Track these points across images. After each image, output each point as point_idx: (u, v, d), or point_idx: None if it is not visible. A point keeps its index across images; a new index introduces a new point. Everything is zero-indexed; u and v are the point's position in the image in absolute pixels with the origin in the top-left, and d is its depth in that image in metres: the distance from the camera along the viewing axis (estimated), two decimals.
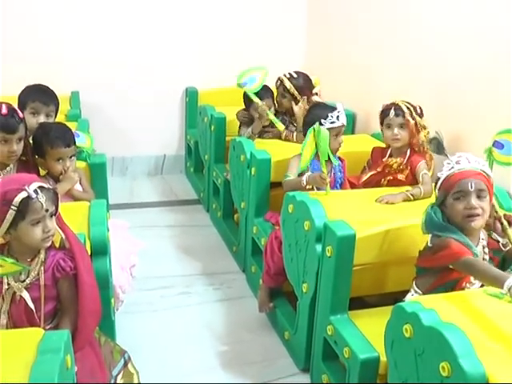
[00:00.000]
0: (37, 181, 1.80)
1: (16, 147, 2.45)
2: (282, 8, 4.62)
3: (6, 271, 1.70)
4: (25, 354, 1.40)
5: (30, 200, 1.74)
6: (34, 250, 1.84)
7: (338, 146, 2.82)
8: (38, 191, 1.75)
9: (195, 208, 4.12)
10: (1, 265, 1.66)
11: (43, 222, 1.78)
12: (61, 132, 2.59)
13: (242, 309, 2.94)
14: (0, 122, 2.40)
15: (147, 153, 4.69)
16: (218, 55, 4.55)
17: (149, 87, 4.51)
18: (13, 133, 2.42)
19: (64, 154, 2.55)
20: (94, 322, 1.88)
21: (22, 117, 2.47)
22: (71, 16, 4.22)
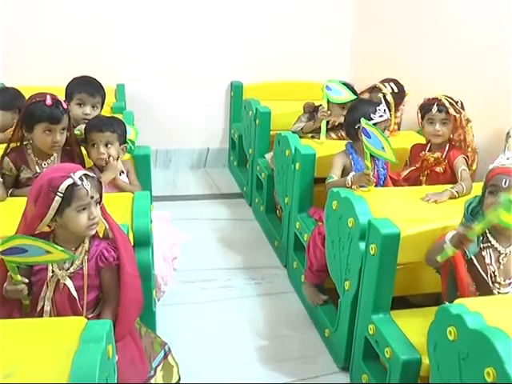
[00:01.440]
0: (81, 169, 1.84)
1: (59, 137, 2.48)
2: (328, 4, 4.56)
3: (53, 258, 1.72)
4: (67, 342, 1.41)
5: (76, 187, 1.77)
6: (79, 239, 1.86)
7: None
8: (83, 178, 1.79)
9: (238, 202, 4.12)
10: (49, 251, 1.68)
11: (88, 209, 1.80)
12: (102, 118, 2.67)
13: (283, 304, 2.93)
14: (45, 113, 2.44)
15: (191, 146, 4.71)
16: (264, 49, 4.53)
17: (194, 80, 4.53)
18: (57, 123, 2.46)
19: (97, 139, 2.58)
20: (135, 312, 1.89)
21: (66, 108, 2.50)
22: (119, 9, 4.26)
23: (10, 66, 4.09)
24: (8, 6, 4.10)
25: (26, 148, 2.56)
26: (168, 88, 4.50)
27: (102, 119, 2.68)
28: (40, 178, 1.83)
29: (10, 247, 1.68)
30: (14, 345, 1.46)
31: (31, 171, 2.53)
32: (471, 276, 1.99)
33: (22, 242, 1.68)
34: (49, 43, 4.18)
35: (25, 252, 1.68)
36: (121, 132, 2.64)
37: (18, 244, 1.68)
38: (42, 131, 2.46)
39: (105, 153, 2.57)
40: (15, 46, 4.17)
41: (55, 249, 1.69)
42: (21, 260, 1.72)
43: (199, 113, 4.63)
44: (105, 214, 1.88)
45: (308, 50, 4.49)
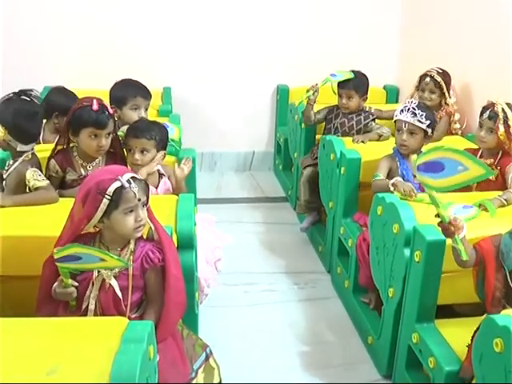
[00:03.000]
0: (129, 172, 1.86)
1: (104, 142, 2.51)
2: (376, 6, 4.51)
3: (108, 266, 1.76)
4: (109, 341, 1.43)
5: (124, 189, 1.79)
6: (125, 240, 1.88)
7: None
8: (131, 181, 1.81)
9: (282, 206, 4.11)
10: (104, 259, 1.71)
11: (135, 212, 1.82)
12: (140, 124, 2.66)
13: (326, 310, 2.91)
14: (91, 118, 2.46)
15: (236, 149, 4.72)
16: (310, 53, 4.51)
17: (240, 84, 4.54)
18: (102, 128, 2.48)
19: (133, 145, 2.58)
20: (178, 314, 1.90)
21: (111, 113, 2.52)
22: (166, 13, 4.30)
23: (57, 69, 4.19)
24: (56, 9, 4.20)
25: (72, 151, 2.60)
26: (214, 91, 4.52)
27: (139, 125, 2.66)
28: (88, 180, 1.86)
29: (65, 255, 1.71)
30: (58, 342, 1.49)
31: (76, 173, 2.57)
32: (503, 283, 1.94)
33: (78, 250, 1.71)
34: (96, 47, 4.26)
35: (79, 259, 1.72)
36: (159, 138, 2.60)
37: (73, 253, 1.71)
38: (88, 136, 2.49)
39: (139, 159, 2.57)
40: (63, 49, 4.27)
41: (110, 257, 1.71)
42: (74, 267, 1.76)
43: (245, 116, 4.63)
44: (150, 215, 1.89)
45: (355, 53, 4.44)
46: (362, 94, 3.46)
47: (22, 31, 4.23)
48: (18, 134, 2.39)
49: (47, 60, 4.28)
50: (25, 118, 2.39)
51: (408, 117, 2.71)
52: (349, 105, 3.44)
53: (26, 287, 2.03)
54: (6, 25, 4.19)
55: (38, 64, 4.26)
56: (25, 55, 4.27)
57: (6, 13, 4.18)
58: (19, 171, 2.42)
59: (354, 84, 3.43)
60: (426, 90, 3.56)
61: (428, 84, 3.55)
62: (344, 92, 3.45)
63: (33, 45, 4.27)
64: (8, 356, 1.43)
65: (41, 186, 2.37)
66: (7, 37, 4.21)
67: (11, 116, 2.37)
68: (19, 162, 2.43)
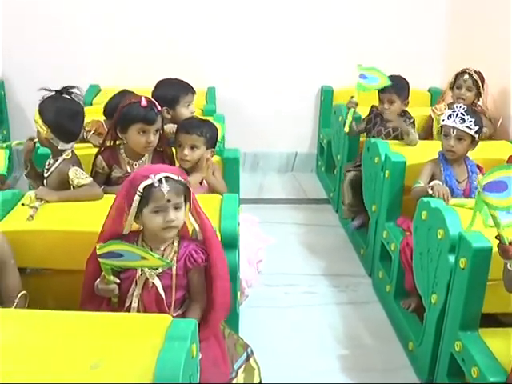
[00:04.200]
0: (167, 171, 1.84)
1: (153, 138, 2.53)
2: (422, 10, 4.44)
3: (149, 264, 1.77)
4: (152, 338, 1.44)
5: (153, 188, 1.80)
6: (170, 239, 1.89)
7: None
8: (163, 181, 1.81)
9: (324, 208, 4.09)
10: (145, 257, 1.72)
11: (164, 212, 1.82)
12: (192, 120, 2.69)
13: (366, 314, 2.89)
14: (140, 114, 2.49)
15: (279, 149, 4.72)
16: (355, 54, 4.45)
17: (284, 84, 4.54)
18: (151, 124, 2.50)
19: (183, 140, 2.60)
20: (223, 314, 1.92)
21: (159, 109, 2.55)
22: (211, 14, 4.34)
23: (104, 68, 4.25)
24: (102, 9, 4.27)
25: (119, 148, 2.63)
26: (258, 91, 4.53)
27: (191, 121, 2.70)
28: (128, 177, 1.90)
29: (107, 252, 1.74)
30: (102, 337, 1.50)
31: (122, 171, 2.60)
32: None
33: (120, 247, 1.73)
34: (142, 46, 4.32)
35: (121, 257, 1.74)
36: (209, 136, 2.64)
37: (115, 249, 1.73)
38: (137, 132, 2.52)
39: (188, 155, 2.59)
40: (108, 48, 4.35)
41: (151, 256, 1.72)
42: (116, 263, 1.78)
43: (288, 117, 4.62)
44: (200, 214, 1.89)
45: (400, 54, 4.39)
46: (403, 98, 3.41)
47: (68, 31, 4.33)
48: (60, 133, 2.42)
49: (93, 59, 4.36)
50: (67, 117, 2.42)
51: (456, 122, 2.67)
52: (390, 110, 3.40)
53: (69, 281, 2.08)
54: (53, 25, 4.29)
55: (84, 63, 4.35)
56: (70, 54, 4.36)
57: (54, 12, 4.27)
58: (61, 170, 2.45)
59: (396, 88, 3.39)
60: (463, 87, 3.53)
61: (466, 81, 3.52)
62: (385, 97, 3.41)
63: (78, 44, 4.36)
64: (53, 348, 1.46)
65: (85, 184, 2.40)
66: (54, 36, 4.31)
67: (54, 115, 2.40)
68: (60, 161, 2.46)
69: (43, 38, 4.33)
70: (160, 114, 2.55)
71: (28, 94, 4.31)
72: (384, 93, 3.41)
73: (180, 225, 1.87)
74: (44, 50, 4.35)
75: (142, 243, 1.90)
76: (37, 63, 4.36)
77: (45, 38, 4.33)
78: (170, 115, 2.95)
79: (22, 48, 4.34)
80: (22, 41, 4.33)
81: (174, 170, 1.90)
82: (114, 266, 1.80)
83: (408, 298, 2.71)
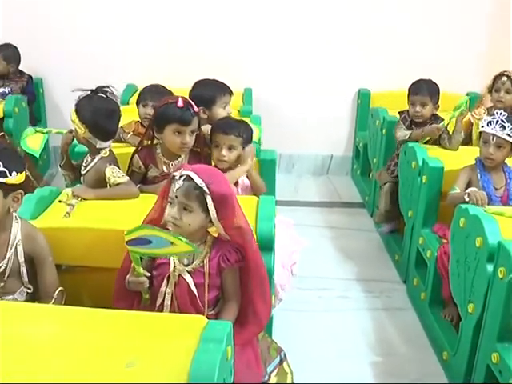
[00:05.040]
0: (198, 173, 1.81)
1: (188, 139, 2.53)
2: (461, 13, 4.38)
3: (178, 250, 1.73)
4: (187, 339, 1.43)
5: (172, 180, 1.84)
6: (202, 237, 1.88)
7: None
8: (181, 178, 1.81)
9: (359, 211, 4.06)
10: (174, 243, 1.70)
11: (171, 206, 1.83)
12: (229, 121, 2.69)
13: (400, 321, 2.85)
14: (176, 114, 2.50)
15: (314, 152, 4.70)
16: (394, 57, 4.43)
17: (321, 86, 4.52)
18: (187, 125, 2.51)
19: (220, 141, 2.60)
20: (262, 327, 1.91)
21: (196, 110, 2.55)
22: (247, 15, 4.35)
23: (142, 68, 4.28)
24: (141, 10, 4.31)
25: (156, 148, 2.64)
26: (294, 93, 4.52)
27: (228, 121, 2.70)
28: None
29: (135, 237, 1.73)
30: (136, 336, 1.50)
31: (158, 170, 2.61)
32: None
33: (148, 232, 1.72)
34: (180, 47, 4.35)
35: (149, 243, 1.72)
36: (246, 137, 2.64)
37: (143, 235, 1.72)
38: (172, 132, 2.52)
39: (225, 156, 2.59)
40: (145, 47, 4.38)
41: (180, 240, 1.70)
42: (145, 251, 1.76)
43: (325, 119, 4.61)
44: (240, 216, 1.87)
45: (438, 58, 4.34)
46: (435, 101, 3.36)
47: (106, 31, 4.39)
48: (97, 132, 2.45)
49: (131, 59, 4.41)
50: (104, 116, 2.44)
51: (497, 130, 2.62)
52: (422, 113, 3.36)
53: (104, 279, 2.08)
54: (91, 25, 4.34)
55: (121, 63, 4.40)
56: (108, 54, 4.42)
57: (92, 13, 4.33)
58: (98, 169, 2.48)
59: (429, 90, 3.34)
60: (501, 89, 3.47)
61: (504, 84, 3.46)
62: (418, 99, 3.36)
63: (116, 44, 4.42)
64: (88, 345, 1.46)
65: (121, 182, 2.42)
66: (92, 36, 4.36)
67: (91, 114, 2.43)
68: (98, 160, 2.49)
69: (81, 37, 4.40)
70: (197, 115, 2.55)
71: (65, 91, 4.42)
72: (417, 95, 3.36)
73: (183, 226, 1.82)
74: (82, 50, 4.42)
75: None
76: (74, 62, 4.43)
77: (83, 38, 4.40)
78: (207, 115, 2.95)
79: (61, 47, 4.42)
80: (61, 40, 4.40)
81: (208, 174, 1.84)
82: (143, 254, 1.79)
83: (448, 308, 2.66)
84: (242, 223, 1.86)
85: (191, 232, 1.84)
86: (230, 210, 1.83)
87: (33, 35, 4.36)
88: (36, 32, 4.36)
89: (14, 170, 1.82)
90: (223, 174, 1.96)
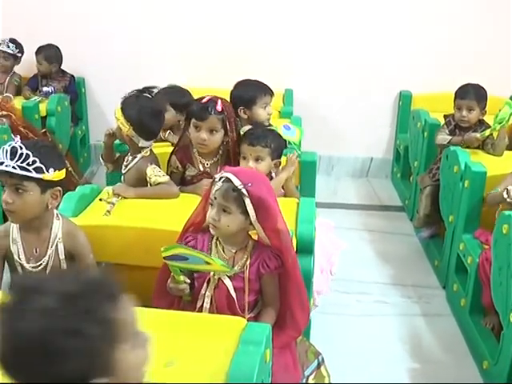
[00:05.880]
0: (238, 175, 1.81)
1: (205, 136, 2.51)
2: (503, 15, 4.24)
3: (212, 269, 1.77)
4: (226, 340, 1.44)
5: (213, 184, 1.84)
6: (241, 241, 1.88)
7: None
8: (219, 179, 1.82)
9: (398, 215, 4.01)
10: (209, 262, 1.72)
11: (211, 208, 1.83)
12: (256, 131, 2.60)
13: (439, 327, 2.81)
14: (194, 109, 2.53)
15: (354, 154, 4.65)
16: (436, 58, 4.36)
17: (362, 88, 4.47)
18: (201, 120, 2.50)
19: (247, 152, 2.52)
20: (300, 332, 1.90)
21: (219, 110, 2.51)
22: (288, 17, 4.33)
23: (182, 67, 4.31)
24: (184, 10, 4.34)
25: (192, 147, 2.64)
26: (335, 94, 4.48)
27: (255, 132, 2.59)
28: None
29: (172, 254, 1.75)
30: (176, 335, 1.51)
31: (195, 169, 2.61)
32: None
33: (183, 251, 1.74)
34: (221, 47, 4.35)
35: (186, 259, 1.74)
36: (274, 147, 2.53)
37: (179, 253, 1.74)
38: (193, 127, 2.54)
39: (253, 168, 2.47)
40: (187, 47, 4.40)
41: (214, 261, 1.72)
42: (182, 266, 1.78)
43: (365, 121, 4.56)
44: (280, 219, 1.85)
45: (481, 60, 4.25)
46: (483, 106, 3.30)
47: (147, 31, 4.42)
48: (141, 130, 2.46)
49: (172, 60, 4.43)
50: (149, 116, 2.46)
51: None
52: (469, 118, 3.30)
53: (142, 278, 2.08)
54: (135, 25, 4.39)
55: (162, 63, 4.43)
56: (149, 54, 4.45)
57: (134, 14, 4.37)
58: (139, 168, 2.49)
59: (477, 95, 3.28)
60: None
61: None
62: (465, 103, 3.30)
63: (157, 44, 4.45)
64: None
65: (162, 182, 2.44)
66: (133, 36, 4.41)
67: (137, 112, 2.44)
68: (139, 159, 2.51)
69: (123, 37, 4.44)
70: (219, 115, 2.51)
71: (107, 91, 4.50)
72: (464, 99, 3.30)
73: (221, 227, 1.82)
74: (123, 50, 4.47)
75: (216, 242, 1.90)
76: (116, 62, 4.49)
77: (125, 38, 4.45)
78: (247, 116, 2.95)
79: (103, 47, 4.47)
80: (103, 40, 4.45)
81: (249, 176, 1.83)
82: (181, 268, 1.80)
83: (489, 316, 2.61)
84: (281, 226, 1.85)
85: (231, 234, 1.85)
86: (269, 212, 1.82)
87: (76, 36, 4.42)
88: (79, 32, 4.42)
89: (51, 167, 1.85)
90: (265, 177, 1.95)
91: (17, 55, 4.30)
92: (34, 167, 1.81)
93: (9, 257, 1.97)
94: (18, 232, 1.96)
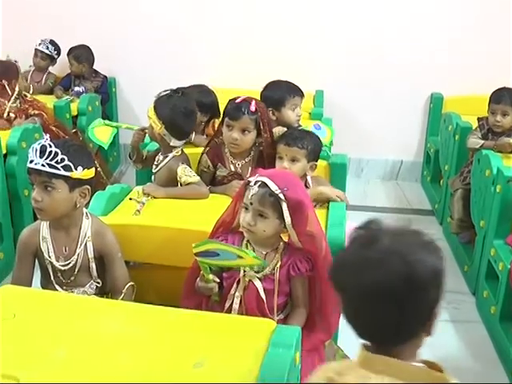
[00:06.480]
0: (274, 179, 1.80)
1: (237, 136, 2.51)
2: None
3: (245, 263, 1.76)
4: (256, 342, 1.43)
5: (247, 184, 1.82)
6: (272, 243, 1.88)
7: None
8: (253, 183, 1.80)
9: (428, 219, 3.96)
10: (241, 256, 1.72)
11: (246, 212, 1.82)
12: (293, 132, 2.59)
13: (468, 334, 2.77)
14: (228, 108, 2.54)
15: (384, 156, 4.63)
16: (467, 61, 4.30)
17: (393, 90, 4.44)
18: (234, 120, 2.51)
19: (283, 153, 2.49)
20: (330, 335, 1.90)
21: (252, 110, 2.50)
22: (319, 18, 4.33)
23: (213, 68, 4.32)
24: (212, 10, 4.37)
25: (224, 147, 2.64)
26: (365, 96, 4.46)
27: (292, 132, 2.57)
28: None
29: (203, 250, 1.75)
30: (205, 336, 1.51)
31: (226, 170, 2.61)
32: None
33: (215, 246, 1.74)
34: (253, 48, 4.36)
35: (217, 256, 1.74)
36: (311, 148, 2.49)
37: (211, 248, 1.74)
38: (226, 126, 2.54)
39: (287, 168, 2.45)
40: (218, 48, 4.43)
41: (247, 254, 1.72)
42: (213, 262, 1.78)
43: (395, 123, 4.52)
44: (314, 222, 1.85)
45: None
46: None
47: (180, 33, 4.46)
48: (173, 130, 2.48)
49: (202, 60, 4.45)
50: (182, 115, 2.48)
51: None
52: (503, 122, 3.25)
53: (171, 277, 2.11)
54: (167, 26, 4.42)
55: (192, 63, 4.45)
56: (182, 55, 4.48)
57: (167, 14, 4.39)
58: (170, 167, 2.50)
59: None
60: None
61: None
62: (499, 108, 3.25)
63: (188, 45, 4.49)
64: (156, 343, 1.48)
65: (192, 182, 2.44)
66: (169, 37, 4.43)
67: (170, 111, 2.46)
68: (170, 158, 2.52)
69: (155, 38, 4.49)
70: (252, 115, 2.51)
71: (137, 91, 4.53)
72: (499, 104, 3.25)
73: (257, 232, 1.81)
74: (155, 51, 4.51)
75: (247, 243, 1.89)
76: (147, 63, 4.53)
77: (157, 39, 4.49)
78: (276, 117, 2.94)
79: (135, 47, 4.52)
80: (135, 40, 4.51)
81: (284, 180, 1.82)
82: (211, 264, 1.80)
83: None
84: (315, 230, 1.84)
85: (265, 238, 1.84)
86: (304, 215, 1.81)
87: (108, 36, 4.47)
88: (111, 33, 4.47)
89: (80, 165, 1.87)
90: (299, 179, 1.95)
91: (54, 56, 4.38)
92: (63, 165, 1.83)
93: (39, 255, 1.99)
94: (48, 230, 1.98)
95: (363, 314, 1.18)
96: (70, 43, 4.34)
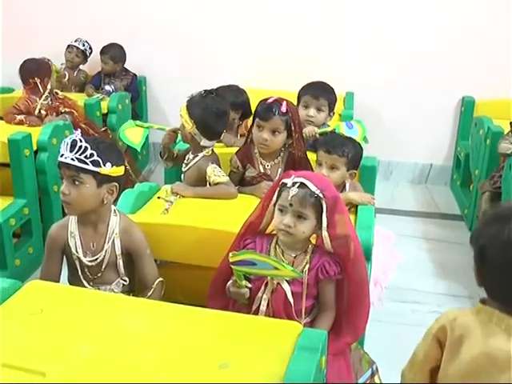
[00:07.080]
0: (311, 180, 1.79)
1: (267, 136, 2.51)
2: None
3: (281, 274, 1.75)
4: (282, 345, 1.42)
5: (285, 187, 1.80)
6: (301, 247, 1.86)
7: None
8: (294, 185, 1.78)
9: (457, 224, 3.91)
10: (277, 267, 1.71)
11: (285, 214, 1.80)
12: (335, 138, 2.53)
13: None
14: (259, 108, 2.54)
15: (413, 159, 4.58)
16: (499, 64, 4.22)
17: (424, 93, 4.39)
18: (264, 120, 2.50)
19: (322, 159, 2.43)
20: (357, 338, 1.88)
21: (283, 111, 2.50)
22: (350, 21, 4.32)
23: (244, 69, 4.33)
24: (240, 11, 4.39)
25: (253, 147, 2.64)
26: (396, 98, 4.43)
27: (334, 138, 2.51)
28: None
29: (240, 260, 1.74)
30: (231, 337, 1.51)
31: (255, 170, 2.61)
32: None
33: (253, 257, 1.73)
34: (284, 50, 4.36)
35: (254, 265, 1.73)
36: (351, 156, 2.42)
37: (249, 258, 1.73)
38: (257, 126, 2.54)
39: (326, 176, 2.37)
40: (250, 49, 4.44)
41: (283, 267, 1.70)
42: (249, 271, 1.78)
43: (426, 126, 4.48)
44: (347, 223, 1.83)
45: None
46: None
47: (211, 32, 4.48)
48: (204, 129, 2.48)
49: (233, 61, 4.48)
50: (214, 115, 2.48)
51: None
52: None
53: (197, 277, 2.11)
54: (197, 25, 4.44)
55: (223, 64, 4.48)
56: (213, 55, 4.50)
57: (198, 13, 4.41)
58: (200, 167, 2.51)
59: None
60: None
61: None
62: None
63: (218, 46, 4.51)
64: (182, 343, 1.48)
65: (221, 182, 2.44)
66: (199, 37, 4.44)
67: (202, 111, 2.47)
68: (200, 158, 2.52)
69: (185, 37, 4.51)
70: (283, 116, 2.50)
71: (167, 90, 4.56)
72: None
73: (297, 234, 1.81)
74: (185, 50, 4.53)
75: (276, 246, 1.88)
76: (177, 62, 4.56)
77: (187, 37, 4.51)
78: None
79: (165, 46, 4.55)
80: (165, 39, 4.54)
81: (319, 181, 1.82)
82: (247, 273, 1.80)
83: None
84: (349, 232, 1.82)
85: (302, 240, 1.84)
86: (341, 216, 1.81)
87: (138, 34, 4.51)
88: (141, 31, 4.51)
89: (108, 162, 1.88)
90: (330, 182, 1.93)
91: (87, 54, 4.42)
92: (91, 160, 1.85)
93: (67, 250, 2.01)
94: (76, 226, 2.00)
95: (506, 286, 1.41)
96: (99, 41, 4.37)
